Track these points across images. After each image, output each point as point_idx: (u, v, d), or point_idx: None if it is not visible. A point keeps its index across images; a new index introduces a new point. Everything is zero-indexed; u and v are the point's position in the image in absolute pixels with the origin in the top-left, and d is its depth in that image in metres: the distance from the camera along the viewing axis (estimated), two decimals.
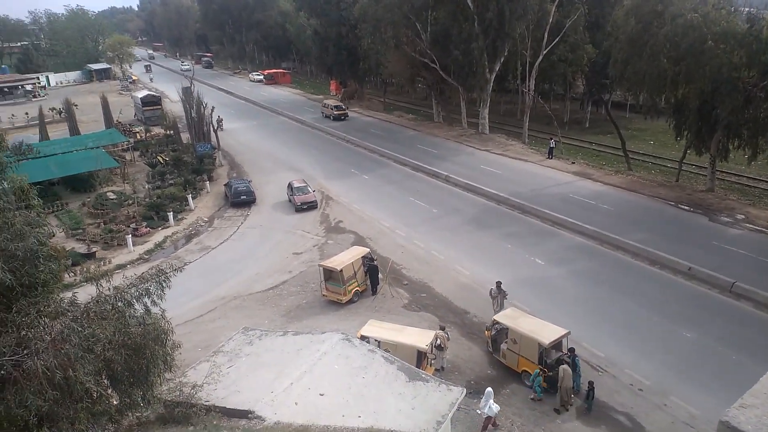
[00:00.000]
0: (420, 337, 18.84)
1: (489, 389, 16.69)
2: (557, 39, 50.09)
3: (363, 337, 18.22)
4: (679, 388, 18.21)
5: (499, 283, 22.51)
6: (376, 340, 18.25)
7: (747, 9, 35.53)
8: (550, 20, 48.79)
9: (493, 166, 43.11)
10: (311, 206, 36.47)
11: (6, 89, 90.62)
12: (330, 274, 24.49)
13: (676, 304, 22.96)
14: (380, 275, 25.52)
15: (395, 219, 33.94)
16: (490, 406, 16.25)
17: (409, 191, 38.82)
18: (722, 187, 39.08)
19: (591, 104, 66.44)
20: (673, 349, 20.12)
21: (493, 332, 20.31)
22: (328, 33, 72.75)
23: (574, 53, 53.52)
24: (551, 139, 46.57)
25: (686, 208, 33.06)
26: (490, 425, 16.55)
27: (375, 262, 25.84)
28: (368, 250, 26.95)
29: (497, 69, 52.50)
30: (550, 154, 44.65)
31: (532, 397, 18.05)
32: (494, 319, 20.17)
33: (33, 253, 9.93)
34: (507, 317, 19.99)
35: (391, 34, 55.95)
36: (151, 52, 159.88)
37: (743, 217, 31.09)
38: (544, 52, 50.21)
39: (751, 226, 29.94)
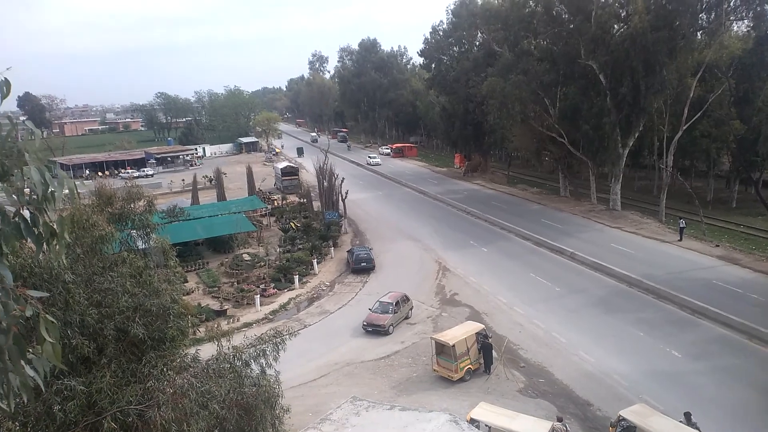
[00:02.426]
0: (535, 427, 17.57)
1: None
2: (699, 114, 47.10)
3: (472, 420, 17.38)
4: None
5: (688, 415, 18.46)
6: (486, 425, 17.36)
7: None
8: (691, 95, 46.19)
9: (625, 244, 40.45)
10: (376, 330, 29.08)
11: (169, 158, 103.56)
12: (442, 349, 23.91)
13: None
14: (495, 354, 24.46)
15: (514, 295, 32.75)
16: None
17: (530, 267, 37.45)
18: None
19: (738, 182, 60.82)
20: None
21: (619, 429, 18.43)
22: (455, 109, 75.19)
23: (718, 129, 50.03)
24: (680, 219, 42.98)
25: None
26: None
27: (490, 340, 24.89)
28: (483, 326, 26.11)
29: (631, 144, 50.19)
30: (681, 234, 41.06)
31: None
32: (620, 415, 18.32)
33: (165, 309, 10.91)
34: (636, 414, 18.10)
35: (518, 110, 55.97)
36: (314, 134, 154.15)
37: None
38: (684, 128, 47.33)
39: None
